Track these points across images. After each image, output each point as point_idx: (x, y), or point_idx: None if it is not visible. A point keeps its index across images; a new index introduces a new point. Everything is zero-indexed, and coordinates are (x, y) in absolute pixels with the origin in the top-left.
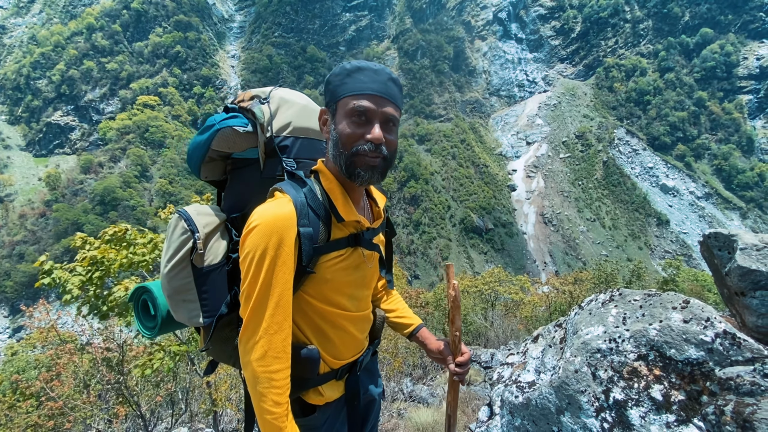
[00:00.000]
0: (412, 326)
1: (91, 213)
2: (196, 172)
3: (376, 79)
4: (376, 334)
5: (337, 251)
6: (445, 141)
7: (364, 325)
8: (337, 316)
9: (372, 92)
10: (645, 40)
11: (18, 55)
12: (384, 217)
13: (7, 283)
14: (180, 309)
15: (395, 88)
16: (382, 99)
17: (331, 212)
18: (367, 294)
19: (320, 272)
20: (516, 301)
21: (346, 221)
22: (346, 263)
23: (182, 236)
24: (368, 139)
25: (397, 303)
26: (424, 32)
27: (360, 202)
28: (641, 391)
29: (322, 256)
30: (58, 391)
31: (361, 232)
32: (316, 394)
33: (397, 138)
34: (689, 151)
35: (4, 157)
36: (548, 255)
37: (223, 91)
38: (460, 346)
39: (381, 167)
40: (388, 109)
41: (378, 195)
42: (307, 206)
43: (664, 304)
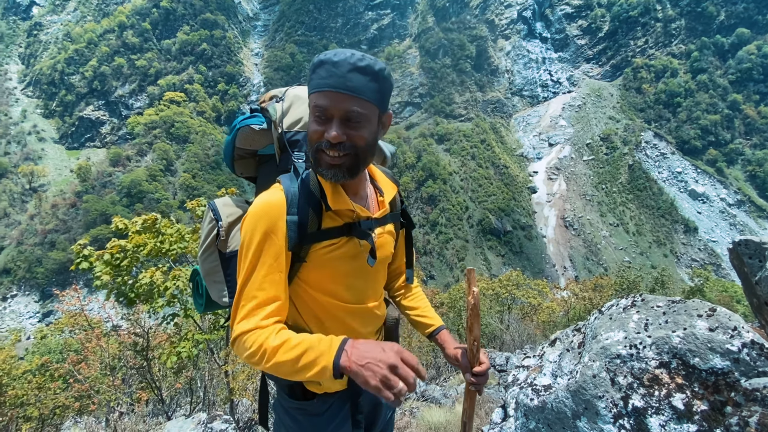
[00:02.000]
0: (433, 327)
1: (119, 204)
2: (232, 169)
3: (334, 72)
4: (388, 335)
5: (329, 240)
6: (465, 141)
7: (368, 319)
8: (334, 306)
9: (328, 88)
10: (677, 39)
11: (53, 51)
12: (388, 208)
13: (38, 269)
14: (212, 289)
15: (360, 78)
16: (340, 95)
17: (321, 201)
18: (370, 286)
19: (312, 260)
20: (533, 306)
21: (339, 210)
22: (341, 252)
23: (209, 224)
24: (326, 138)
25: (419, 301)
26: (446, 31)
27: (361, 192)
28: (662, 399)
29: (314, 244)
30: (85, 374)
31: (357, 222)
32: (314, 382)
33: (372, 131)
34: (721, 156)
35: (39, 149)
36: (568, 259)
37: (246, 89)
38: (479, 356)
39: (346, 165)
40: (346, 105)
41: (386, 185)
42: (299, 195)
43: (689, 312)
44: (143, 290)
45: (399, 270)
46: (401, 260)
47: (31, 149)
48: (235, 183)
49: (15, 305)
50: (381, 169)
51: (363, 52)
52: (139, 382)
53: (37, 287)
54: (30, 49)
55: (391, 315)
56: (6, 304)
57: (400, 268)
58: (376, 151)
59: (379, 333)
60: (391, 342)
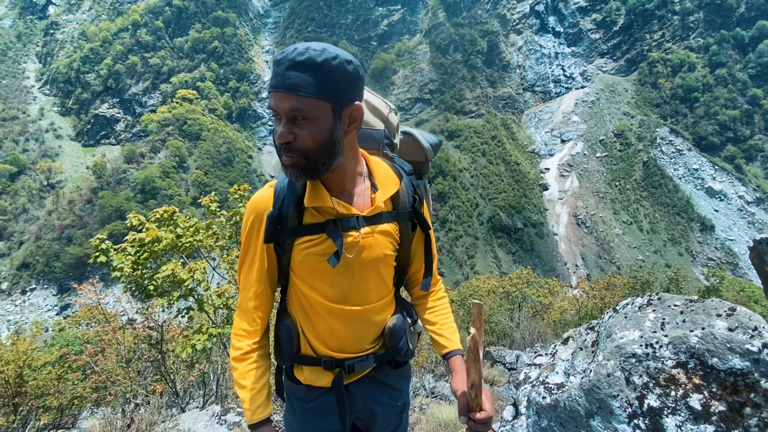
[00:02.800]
0: (446, 350)
1: (133, 201)
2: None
3: (276, 72)
4: (389, 344)
5: (309, 236)
6: (476, 137)
7: (356, 322)
8: (317, 303)
9: (271, 88)
10: (695, 33)
11: (69, 50)
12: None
13: (56, 264)
14: None
15: (298, 75)
16: (280, 94)
17: (301, 198)
18: (358, 287)
19: (295, 254)
20: (544, 305)
21: (319, 207)
22: (318, 249)
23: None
24: (275, 137)
25: (439, 315)
26: (457, 26)
27: (349, 188)
28: (678, 400)
29: (295, 238)
30: (102, 366)
31: (338, 219)
32: (299, 370)
33: (325, 128)
34: (740, 152)
35: (56, 146)
36: (580, 258)
37: (257, 86)
38: (480, 401)
39: (301, 165)
40: (286, 104)
41: (386, 181)
42: (284, 191)
43: (708, 311)
44: (163, 283)
45: (417, 274)
46: (418, 266)
47: (49, 146)
48: (247, 180)
49: (34, 298)
50: (394, 164)
51: (323, 42)
52: (153, 374)
53: (55, 281)
54: (47, 48)
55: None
56: (25, 297)
57: (419, 273)
58: (338, 149)
59: (377, 342)
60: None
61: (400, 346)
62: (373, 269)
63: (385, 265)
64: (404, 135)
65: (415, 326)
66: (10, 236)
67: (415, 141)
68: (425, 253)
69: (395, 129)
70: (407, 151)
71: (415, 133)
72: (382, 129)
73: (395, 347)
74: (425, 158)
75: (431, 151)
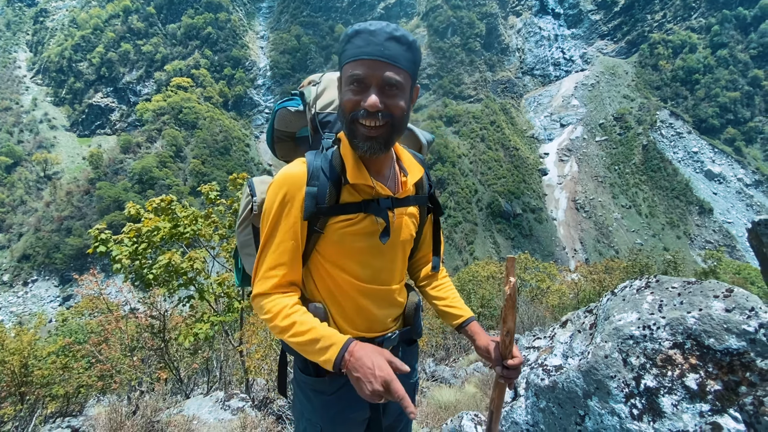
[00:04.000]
0: (462, 318)
1: (131, 191)
2: (274, 153)
3: (371, 41)
4: (408, 321)
5: (345, 215)
6: (474, 123)
7: (384, 302)
8: (347, 283)
9: (367, 56)
10: (697, 13)
11: (60, 38)
12: (412, 189)
13: (56, 255)
14: (246, 262)
15: (397, 47)
16: (378, 62)
17: (341, 175)
18: (387, 267)
19: (329, 234)
20: (543, 289)
21: (358, 185)
22: (356, 228)
23: (245, 199)
24: (363, 106)
25: (447, 291)
26: (455, 8)
27: (384, 171)
28: (675, 380)
29: (331, 217)
30: (106, 355)
31: (376, 199)
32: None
33: (407, 101)
34: (740, 134)
35: (51, 137)
36: (579, 242)
37: (253, 72)
38: (512, 348)
39: (383, 137)
40: (384, 72)
41: (413, 166)
42: (320, 169)
43: (705, 293)
44: (161, 272)
45: (426, 258)
46: (428, 247)
47: (44, 137)
48: (245, 168)
49: (36, 290)
50: (410, 151)
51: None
52: (157, 362)
53: (56, 272)
54: (37, 37)
55: (411, 299)
56: (27, 288)
57: (427, 256)
58: (407, 123)
59: (398, 320)
60: (382, 360)
61: (419, 323)
62: (401, 250)
63: (408, 246)
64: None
65: (421, 305)
66: (9, 228)
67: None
68: (435, 235)
69: None
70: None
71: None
72: None
73: (415, 324)
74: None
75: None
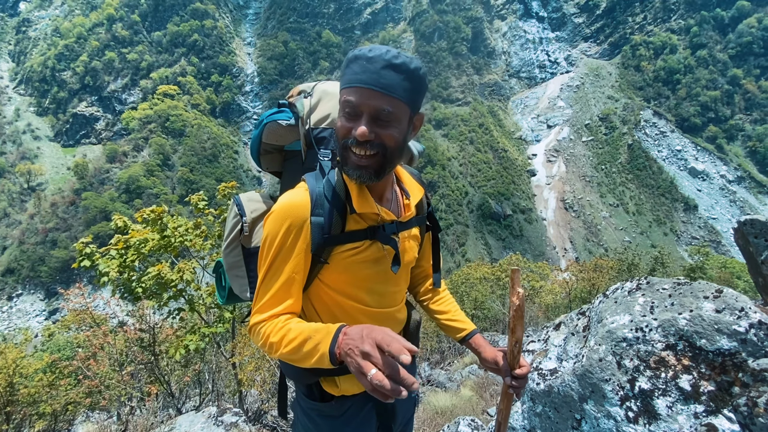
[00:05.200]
0: (465, 331)
1: (118, 201)
2: (258, 164)
3: (367, 68)
4: (409, 339)
5: (352, 243)
6: (463, 125)
7: (388, 323)
8: (355, 309)
9: (360, 84)
10: (676, 15)
11: (43, 47)
12: (414, 211)
13: (42, 268)
14: (234, 283)
15: (393, 76)
16: (371, 91)
17: (346, 203)
18: (392, 291)
19: (334, 263)
20: (535, 288)
21: (363, 213)
22: (363, 256)
23: (233, 219)
24: (353, 135)
25: (448, 305)
26: (441, 13)
27: (386, 194)
28: (669, 381)
29: (336, 246)
30: (94, 370)
31: (381, 225)
32: (331, 383)
33: (402, 131)
34: (721, 132)
35: (35, 148)
36: (569, 241)
37: (240, 79)
38: (519, 358)
39: (373, 166)
40: (377, 102)
41: (413, 187)
42: (323, 196)
43: (695, 293)
44: (151, 285)
45: (425, 273)
46: (427, 263)
47: (27, 148)
48: (234, 176)
49: (21, 304)
50: (408, 170)
51: (399, 50)
52: (147, 376)
53: (41, 286)
54: (19, 46)
55: (414, 318)
56: (12, 303)
57: (426, 271)
58: (404, 152)
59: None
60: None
61: (417, 340)
62: (404, 272)
63: (411, 268)
64: None
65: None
66: None
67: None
68: (434, 252)
69: None
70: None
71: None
72: None
73: (415, 342)
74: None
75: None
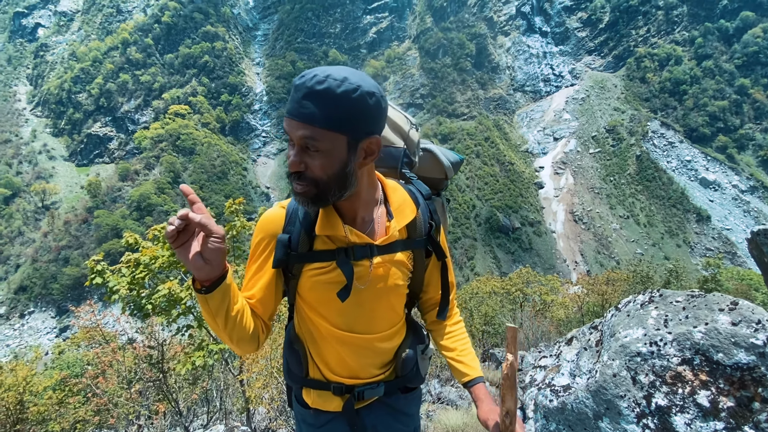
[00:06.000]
0: (468, 377)
1: (129, 218)
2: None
3: (293, 97)
4: (400, 372)
5: (319, 263)
6: (469, 139)
7: (364, 350)
8: (327, 331)
9: (287, 114)
10: (680, 27)
11: (60, 71)
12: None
13: (54, 285)
14: None
15: (314, 105)
16: (293, 122)
17: (313, 224)
18: (366, 316)
19: (303, 280)
20: (546, 302)
21: (329, 234)
22: (328, 277)
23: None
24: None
25: (456, 341)
26: (445, 30)
27: (364, 215)
28: (686, 397)
29: (305, 264)
30: (103, 388)
31: (351, 247)
32: (307, 393)
33: (336, 161)
34: (731, 142)
35: (50, 168)
36: (579, 254)
37: (249, 98)
38: (514, 429)
39: (309, 196)
40: (298, 133)
41: (403, 208)
42: (297, 215)
43: (710, 306)
44: (161, 302)
45: (434, 301)
46: (433, 293)
47: (42, 168)
48: (242, 192)
49: (32, 321)
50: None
51: (347, 68)
52: (156, 394)
53: (53, 303)
54: (37, 70)
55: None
56: (24, 321)
57: (435, 300)
58: (351, 181)
59: (387, 368)
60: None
61: (412, 374)
62: (384, 300)
63: (396, 296)
64: (424, 152)
65: (427, 351)
66: (6, 260)
67: (435, 159)
68: (442, 281)
69: (416, 146)
70: (426, 168)
71: (435, 150)
72: (402, 147)
73: (409, 375)
74: (445, 176)
75: (451, 169)
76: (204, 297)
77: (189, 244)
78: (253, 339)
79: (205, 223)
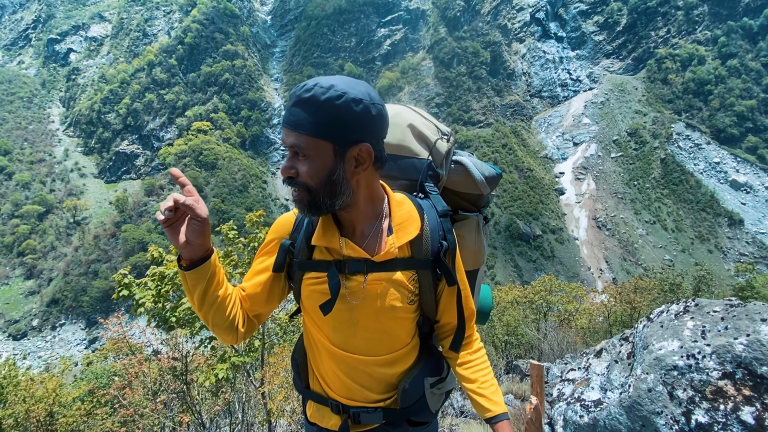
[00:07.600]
0: (491, 413)
1: (154, 232)
2: None
3: (286, 106)
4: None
5: (316, 272)
6: (486, 147)
7: (358, 372)
8: (322, 345)
9: (282, 124)
10: (701, 26)
11: (90, 92)
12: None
13: (83, 298)
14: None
15: (301, 112)
16: (285, 129)
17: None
18: (360, 335)
19: (302, 288)
20: (570, 312)
21: (326, 245)
22: (322, 288)
23: None
24: None
25: (477, 372)
26: (459, 40)
27: (365, 229)
28: (729, 414)
29: (305, 272)
30: (129, 399)
31: (346, 261)
32: (309, 406)
33: (324, 167)
34: (762, 142)
35: (81, 185)
36: (604, 261)
37: (268, 113)
38: None
39: (305, 201)
40: (288, 140)
41: (406, 225)
42: (304, 223)
43: (751, 316)
44: (184, 314)
45: (448, 327)
46: (449, 318)
47: (74, 185)
48: (263, 204)
49: (63, 333)
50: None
51: (344, 77)
52: (180, 405)
53: (83, 315)
54: (69, 93)
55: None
56: (55, 332)
57: (450, 325)
58: (341, 189)
59: (389, 396)
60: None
61: (417, 408)
62: (380, 321)
63: (394, 319)
64: (455, 164)
65: (442, 385)
66: (39, 274)
67: (467, 172)
68: (458, 311)
69: (443, 158)
70: (457, 182)
71: (467, 163)
72: (426, 158)
73: (410, 409)
74: (479, 191)
75: (485, 185)
76: (183, 273)
77: (178, 226)
78: (230, 329)
79: (189, 204)
